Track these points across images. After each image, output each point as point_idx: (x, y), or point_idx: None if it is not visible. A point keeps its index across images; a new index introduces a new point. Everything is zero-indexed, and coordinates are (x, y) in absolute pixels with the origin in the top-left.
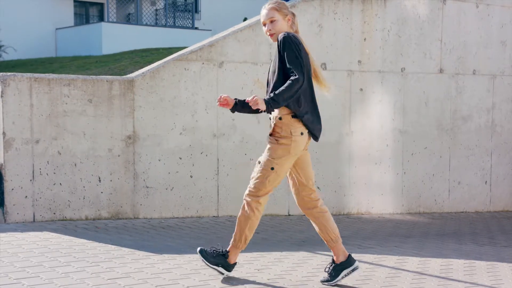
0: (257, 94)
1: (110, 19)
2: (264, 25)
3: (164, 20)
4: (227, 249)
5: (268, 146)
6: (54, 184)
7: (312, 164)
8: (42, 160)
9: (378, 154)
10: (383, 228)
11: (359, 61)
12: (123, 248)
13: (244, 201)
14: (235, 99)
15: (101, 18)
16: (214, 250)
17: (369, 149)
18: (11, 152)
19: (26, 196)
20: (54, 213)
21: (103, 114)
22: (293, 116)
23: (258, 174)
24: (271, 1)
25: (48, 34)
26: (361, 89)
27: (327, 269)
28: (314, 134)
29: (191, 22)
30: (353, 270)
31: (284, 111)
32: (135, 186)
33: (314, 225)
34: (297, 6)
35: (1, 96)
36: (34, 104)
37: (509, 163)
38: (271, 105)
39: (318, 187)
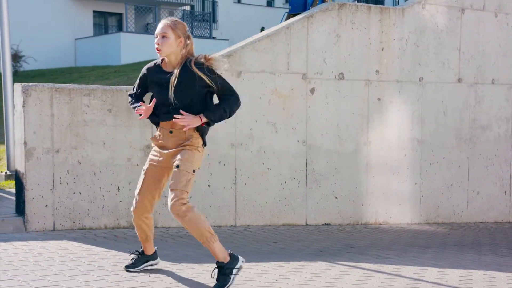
0: (273, 104)
1: (129, 29)
2: (156, 37)
3: None
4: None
5: (187, 152)
6: (74, 193)
7: (330, 173)
8: (62, 169)
9: (396, 164)
10: (401, 238)
11: (377, 71)
12: None
13: (180, 212)
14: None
15: (119, 28)
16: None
17: (387, 158)
18: (32, 161)
19: (47, 205)
20: (74, 222)
21: (122, 124)
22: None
23: (182, 179)
24: (171, 18)
25: (67, 44)
26: (379, 99)
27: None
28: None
29: (208, 31)
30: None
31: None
32: None
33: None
34: (314, 16)
35: (23, 106)
36: (54, 114)
37: None
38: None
39: (336, 197)
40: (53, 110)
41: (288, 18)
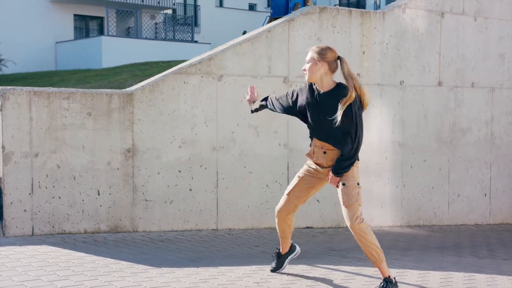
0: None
1: (110, 33)
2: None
3: (163, 33)
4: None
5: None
6: (53, 198)
7: None
8: (41, 174)
9: (378, 167)
10: (383, 241)
11: (358, 74)
12: (122, 262)
13: (361, 231)
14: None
15: (101, 32)
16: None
17: (368, 162)
18: (10, 165)
19: (25, 210)
20: (53, 227)
21: (102, 128)
22: None
23: (353, 194)
24: (319, 45)
25: (48, 48)
26: None
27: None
28: None
29: (190, 35)
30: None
31: None
32: (134, 199)
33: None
34: (296, 20)
35: (1, 110)
36: (33, 117)
37: (509, 175)
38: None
39: (317, 200)
40: (32, 113)
41: (270, 21)
